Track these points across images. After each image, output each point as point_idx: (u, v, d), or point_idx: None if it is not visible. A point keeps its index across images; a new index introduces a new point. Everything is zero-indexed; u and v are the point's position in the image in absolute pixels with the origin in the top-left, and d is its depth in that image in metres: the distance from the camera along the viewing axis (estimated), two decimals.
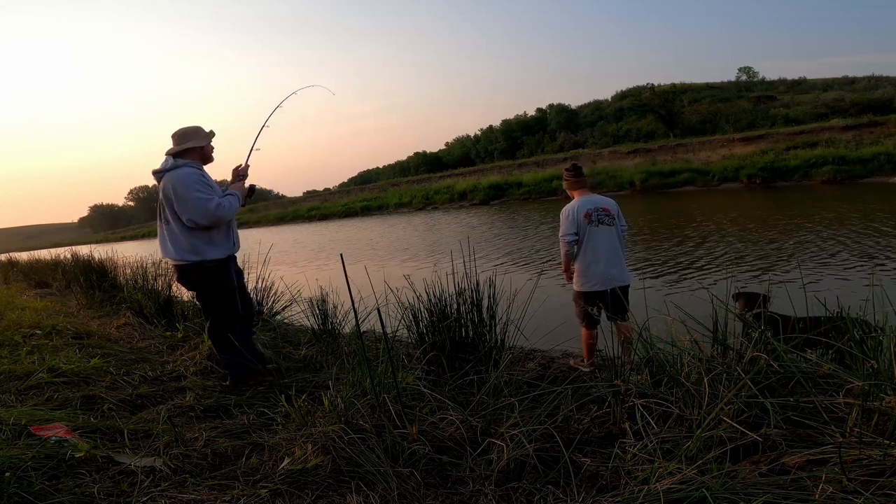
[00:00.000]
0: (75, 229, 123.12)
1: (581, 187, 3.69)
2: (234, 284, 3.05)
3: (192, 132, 2.96)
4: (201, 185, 2.83)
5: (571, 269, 3.65)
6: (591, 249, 3.54)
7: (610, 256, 3.53)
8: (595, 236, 3.53)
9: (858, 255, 7.46)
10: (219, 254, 2.94)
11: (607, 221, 3.56)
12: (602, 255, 3.52)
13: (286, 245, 20.38)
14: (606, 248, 3.53)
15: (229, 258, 3.04)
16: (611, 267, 3.52)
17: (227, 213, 2.90)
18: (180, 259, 2.90)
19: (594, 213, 3.55)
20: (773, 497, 1.37)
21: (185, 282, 3.04)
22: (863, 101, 34.19)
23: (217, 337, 3.04)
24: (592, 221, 3.54)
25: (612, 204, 3.65)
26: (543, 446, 1.90)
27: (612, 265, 3.53)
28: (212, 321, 3.04)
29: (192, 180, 2.82)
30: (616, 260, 3.56)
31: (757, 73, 52.99)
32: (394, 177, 62.80)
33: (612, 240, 3.56)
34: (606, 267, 3.51)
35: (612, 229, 3.57)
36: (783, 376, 1.94)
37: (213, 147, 3.07)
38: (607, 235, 3.55)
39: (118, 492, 1.82)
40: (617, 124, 45.81)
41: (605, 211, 3.57)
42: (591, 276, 3.54)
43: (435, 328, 2.87)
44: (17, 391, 2.92)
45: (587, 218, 3.54)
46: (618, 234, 3.60)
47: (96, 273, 6.93)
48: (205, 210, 2.79)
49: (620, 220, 3.66)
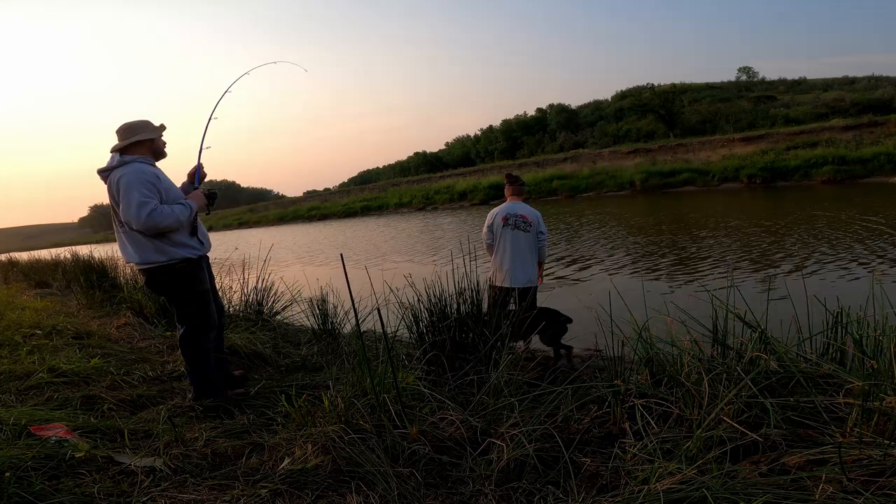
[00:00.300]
0: (75, 229, 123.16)
1: (513, 194, 4.12)
2: (207, 287, 2.84)
3: (139, 125, 2.69)
4: (146, 184, 2.55)
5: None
6: (502, 249, 3.97)
7: (518, 258, 3.92)
8: (508, 239, 3.94)
9: (858, 256, 7.46)
10: (189, 253, 2.71)
11: (523, 227, 3.95)
12: (510, 255, 3.93)
13: (285, 246, 20.38)
14: (516, 249, 3.93)
15: (200, 258, 2.82)
16: (516, 268, 3.91)
17: (163, 222, 2.54)
18: (146, 262, 2.65)
19: (511, 217, 3.97)
20: (773, 497, 1.37)
21: (155, 286, 2.80)
22: (863, 101, 34.24)
23: (190, 347, 2.80)
24: (508, 225, 3.96)
25: (533, 213, 4.01)
26: (543, 446, 1.90)
27: (517, 266, 3.91)
28: (186, 329, 2.80)
29: (137, 179, 2.54)
30: (522, 262, 3.93)
31: (757, 73, 53.14)
32: (394, 177, 62.87)
33: (523, 243, 3.94)
34: (512, 266, 3.91)
35: (528, 236, 3.96)
36: (783, 376, 1.94)
37: (166, 142, 2.82)
38: (520, 239, 3.94)
39: (118, 492, 1.81)
40: (617, 124, 45.88)
41: (523, 218, 3.97)
42: (501, 272, 3.95)
43: (435, 328, 2.87)
44: (18, 391, 2.92)
45: (504, 221, 3.97)
46: (533, 240, 3.98)
47: (96, 273, 6.93)
48: (136, 213, 2.49)
49: (539, 228, 4.00)
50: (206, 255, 2.92)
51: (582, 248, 10.74)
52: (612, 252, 9.88)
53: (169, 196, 2.67)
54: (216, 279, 3.23)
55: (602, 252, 9.99)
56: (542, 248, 4.06)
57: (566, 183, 30.11)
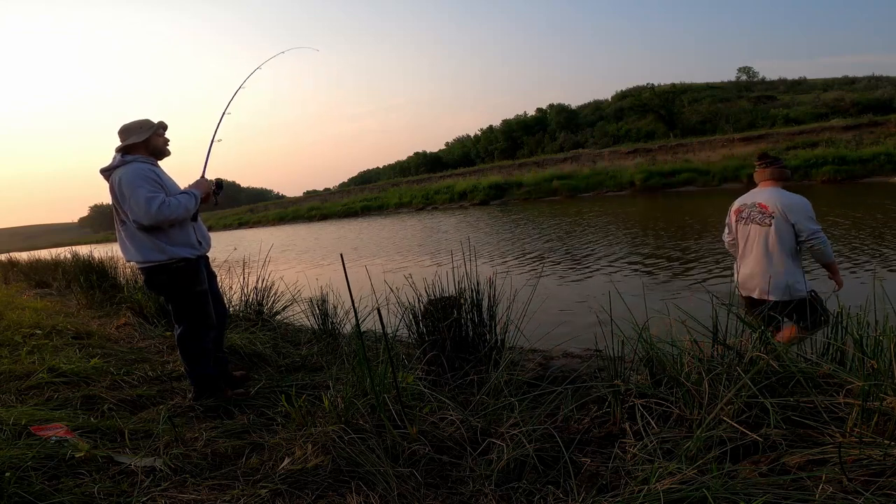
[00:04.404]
0: (76, 229, 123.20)
1: (767, 178, 3.44)
2: (205, 287, 2.83)
3: (135, 126, 2.73)
4: (148, 181, 2.59)
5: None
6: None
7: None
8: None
9: (858, 255, 7.46)
10: (186, 252, 2.71)
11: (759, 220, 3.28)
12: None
13: (287, 245, 20.37)
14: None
15: (198, 258, 2.82)
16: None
17: (172, 214, 2.59)
18: (145, 260, 2.67)
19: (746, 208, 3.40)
20: (773, 497, 1.37)
21: (154, 286, 2.81)
22: (863, 101, 34.26)
23: (187, 346, 2.80)
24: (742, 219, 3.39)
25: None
26: (543, 446, 1.90)
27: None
28: (183, 328, 2.80)
29: (138, 176, 2.58)
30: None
31: (757, 73, 53.14)
32: (394, 177, 62.87)
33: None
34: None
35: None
36: (783, 376, 1.94)
37: (168, 140, 2.84)
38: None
39: (118, 492, 1.82)
40: (617, 124, 45.87)
41: (761, 207, 3.30)
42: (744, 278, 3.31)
43: (435, 328, 2.86)
44: (18, 391, 2.92)
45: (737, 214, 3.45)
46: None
47: (96, 273, 6.93)
48: (145, 209, 2.53)
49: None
50: (205, 255, 2.92)
51: (582, 248, 10.74)
52: (612, 252, 9.87)
53: (172, 191, 2.72)
54: (218, 280, 3.22)
55: (602, 252, 9.99)
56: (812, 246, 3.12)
57: (566, 183, 30.10)
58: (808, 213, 3.15)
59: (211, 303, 2.89)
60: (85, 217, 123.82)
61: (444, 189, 36.41)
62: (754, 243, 3.25)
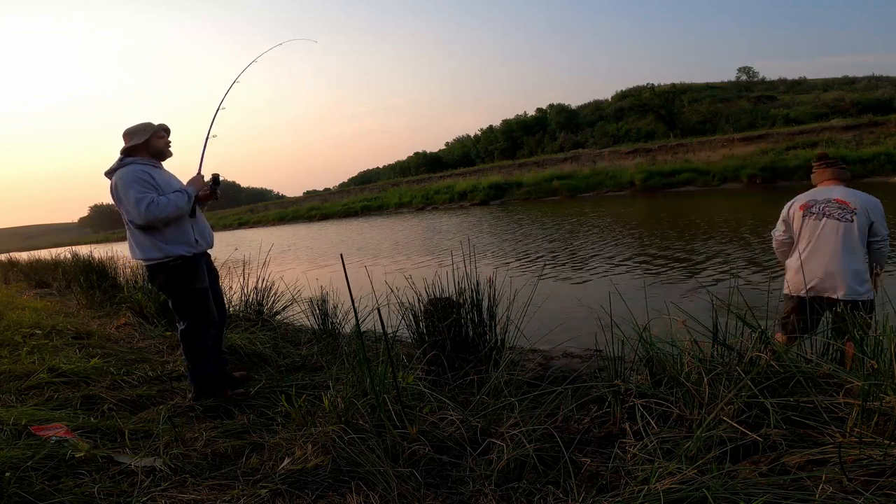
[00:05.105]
0: (76, 229, 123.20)
1: (828, 179, 3.20)
2: (205, 285, 2.86)
3: (136, 129, 2.80)
4: (139, 182, 2.65)
5: None
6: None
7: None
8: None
9: None
10: (182, 250, 2.75)
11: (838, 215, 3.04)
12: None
13: (287, 246, 20.38)
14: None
15: (197, 256, 2.84)
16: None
17: (162, 213, 2.63)
18: (146, 258, 2.75)
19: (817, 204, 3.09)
20: (773, 497, 1.37)
21: (155, 283, 2.87)
22: (863, 101, 34.25)
23: (190, 343, 2.84)
24: (811, 214, 3.15)
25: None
26: (543, 446, 1.90)
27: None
28: (185, 325, 2.84)
29: (131, 178, 2.65)
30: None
31: (757, 73, 53.10)
32: (394, 177, 62.86)
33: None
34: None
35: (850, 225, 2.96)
36: (783, 376, 1.94)
37: (169, 141, 2.90)
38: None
39: (118, 492, 1.82)
40: (617, 124, 45.87)
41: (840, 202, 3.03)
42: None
43: (435, 328, 2.87)
44: (18, 391, 2.92)
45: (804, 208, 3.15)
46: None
47: (96, 273, 6.92)
48: (136, 209, 2.60)
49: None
50: (204, 252, 2.95)
51: (582, 248, 10.74)
52: (613, 252, 9.87)
53: (167, 190, 2.75)
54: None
55: (602, 252, 9.99)
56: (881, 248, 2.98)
57: (566, 183, 30.09)
58: (884, 215, 3.03)
59: (211, 299, 2.91)
60: (85, 217, 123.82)
61: (444, 189, 36.39)
62: (829, 239, 2.98)
